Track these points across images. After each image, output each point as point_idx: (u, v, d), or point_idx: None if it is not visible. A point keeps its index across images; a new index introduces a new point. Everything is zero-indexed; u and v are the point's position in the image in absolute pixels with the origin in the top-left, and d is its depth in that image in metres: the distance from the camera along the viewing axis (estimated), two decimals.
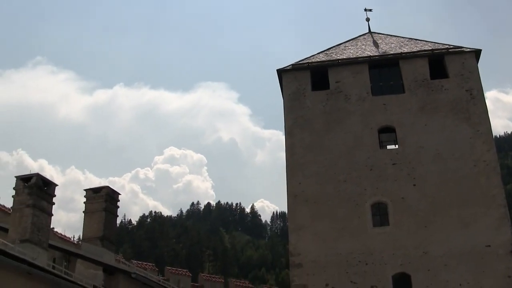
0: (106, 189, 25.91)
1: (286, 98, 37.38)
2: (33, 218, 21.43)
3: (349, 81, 36.65)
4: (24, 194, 22.05)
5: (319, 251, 32.52)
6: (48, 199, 22.47)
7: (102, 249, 24.58)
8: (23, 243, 20.43)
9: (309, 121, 36.06)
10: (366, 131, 34.95)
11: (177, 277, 35.70)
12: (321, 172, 34.38)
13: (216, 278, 41.66)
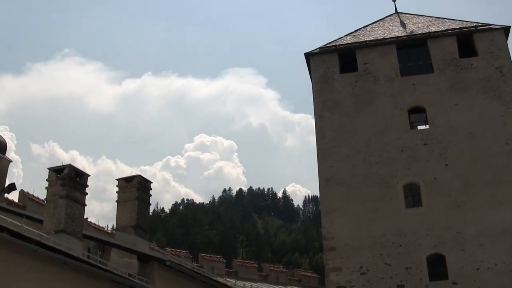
0: (138, 178, 26.03)
1: (315, 81, 37.27)
2: (67, 209, 21.62)
3: (377, 62, 36.44)
4: (57, 185, 22.23)
5: (353, 234, 32.46)
6: (81, 189, 22.64)
7: (136, 238, 24.73)
8: (58, 234, 20.62)
9: (338, 103, 35.94)
10: (396, 112, 34.75)
11: (211, 264, 35.85)
12: (352, 155, 34.27)
13: (250, 263, 41.74)
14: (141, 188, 25.85)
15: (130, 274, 21.07)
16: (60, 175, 22.30)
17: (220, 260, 38.38)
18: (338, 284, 31.92)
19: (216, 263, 36.96)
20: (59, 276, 17.49)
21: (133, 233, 24.91)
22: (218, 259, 38.61)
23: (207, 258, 37.93)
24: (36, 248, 15.85)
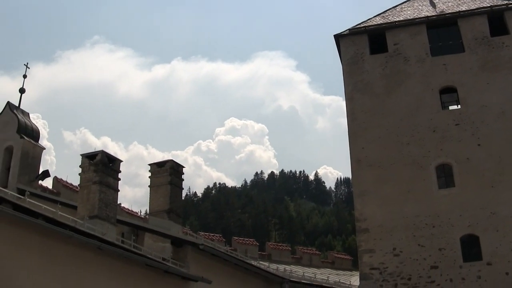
0: (170, 163, 26.11)
1: (345, 63, 37.10)
2: (100, 195, 21.79)
3: (408, 43, 36.15)
4: (90, 171, 22.41)
5: (385, 216, 32.37)
6: (113, 175, 22.80)
7: (169, 222, 24.85)
8: (92, 219, 20.80)
9: (369, 85, 35.77)
10: (427, 92, 34.49)
11: (245, 247, 35.97)
12: (383, 136, 34.11)
13: (283, 246, 41.77)
14: (173, 173, 25.94)
15: (164, 258, 21.21)
16: (93, 161, 22.47)
17: (253, 243, 38.47)
18: (371, 266, 31.88)
19: (249, 246, 37.06)
20: (93, 261, 17.65)
21: (166, 217, 25.03)
22: (251, 242, 38.70)
23: (240, 242, 38.05)
24: (71, 233, 16.01)
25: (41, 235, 15.63)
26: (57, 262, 16.28)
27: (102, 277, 17.99)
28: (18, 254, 15.06)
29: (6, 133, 30.18)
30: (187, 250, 22.62)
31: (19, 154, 29.46)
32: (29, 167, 29.66)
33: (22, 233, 15.13)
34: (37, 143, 30.44)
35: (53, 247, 16.13)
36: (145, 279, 19.79)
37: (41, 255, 15.76)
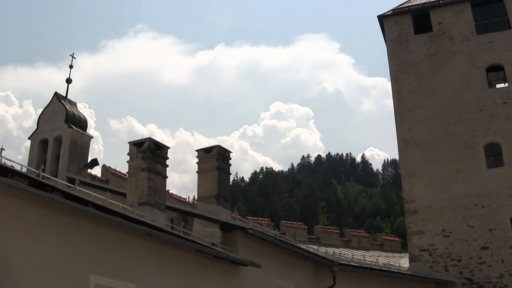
0: (217, 148, 26.19)
1: (389, 43, 36.88)
2: (149, 181, 21.96)
3: (452, 21, 35.77)
4: (138, 158, 22.59)
5: (434, 196, 32.19)
6: (161, 161, 22.95)
7: (218, 207, 24.96)
8: (141, 206, 20.98)
9: (414, 65, 35.52)
10: (473, 71, 34.14)
11: (293, 231, 36.03)
12: (430, 116, 33.88)
13: (332, 229, 41.72)
14: (220, 158, 26.02)
15: (213, 243, 21.35)
16: (140, 148, 22.64)
17: (301, 226, 38.51)
18: (420, 248, 31.78)
19: (298, 230, 37.10)
20: (143, 248, 17.84)
21: (215, 202, 25.14)
22: (299, 226, 38.74)
23: (288, 225, 38.12)
24: (120, 220, 16.18)
25: (91, 223, 15.84)
26: (107, 249, 16.49)
27: (152, 263, 18.18)
28: (70, 242, 15.29)
29: (54, 123, 30.54)
30: (236, 235, 22.73)
31: (67, 143, 29.80)
32: (78, 156, 30.01)
33: (73, 221, 15.35)
34: (85, 132, 30.77)
35: (103, 234, 16.34)
36: (194, 264, 19.96)
37: (92, 243, 15.98)
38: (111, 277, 16.45)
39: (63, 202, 14.56)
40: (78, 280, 15.32)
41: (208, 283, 20.56)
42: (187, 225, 23.55)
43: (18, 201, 13.76)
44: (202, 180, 25.97)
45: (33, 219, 14.25)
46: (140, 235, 17.46)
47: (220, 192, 25.37)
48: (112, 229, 16.47)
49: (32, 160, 30.04)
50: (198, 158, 26.49)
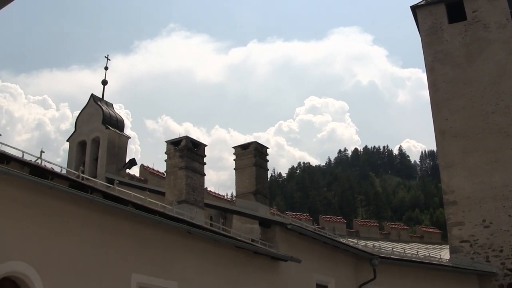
0: (254, 144, 26.22)
1: (423, 34, 36.58)
2: (187, 180, 22.07)
3: (487, 9, 35.36)
4: (175, 157, 22.71)
5: (473, 187, 31.91)
6: (199, 159, 23.04)
7: (256, 203, 25.00)
8: (180, 204, 21.11)
9: (449, 55, 35.19)
10: (510, 58, 33.72)
11: (332, 225, 35.94)
12: (467, 106, 33.56)
13: (371, 222, 41.60)
14: (257, 154, 26.05)
15: (252, 239, 21.39)
16: (177, 147, 22.76)
17: (340, 220, 38.45)
18: (461, 239, 31.53)
19: (337, 224, 37.04)
20: (183, 245, 17.94)
21: (253, 199, 25.19)
22: (338, 220, 38.69)
23: (327, 220, 38.08)
24: (160, 219, 16.28)
25: (131, 222, 15.97)
26: (148, 248, 16.61)
27: (192, 260, 18.28)
28: (111, 242, 15.44)
29: (92, 125, 30.83)
30: (275, 230, 22.76)
31: (105, 144, 30.06)
32: (116, 156, 30.25)
33: (113, 221, 15.49)
34: (122, 133, 31.00)
35: (144, 233, 16.47)
36: (234, 260, 20.03)
37: (133, 242, 16.11)
38: (153, 275, 16.59)
39: (103, 202, 14.70)
40: (120, 279, 15.47)
41: (248, 279, 20.62)
42: (226, 222, 23.63)
43: (59, 202, 13.92)
44: (240, 176, 26.03)
45: (74, 220, 14.40)
46: (180, 233, 17.56)
47: (258, 188, 25.41)
48: (152, 227, 16.59)
49: (71, 162, 30.37)
50: (235, 155, 26.56)
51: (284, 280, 22.44)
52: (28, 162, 13.97)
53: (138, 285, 15.97)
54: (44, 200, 13.57)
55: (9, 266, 12.62)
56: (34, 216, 13.36)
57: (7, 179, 12.55)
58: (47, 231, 13.62)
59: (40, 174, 13.69)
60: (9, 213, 12.78)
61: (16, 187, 12.89)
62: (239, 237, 20.09)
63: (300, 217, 33.41)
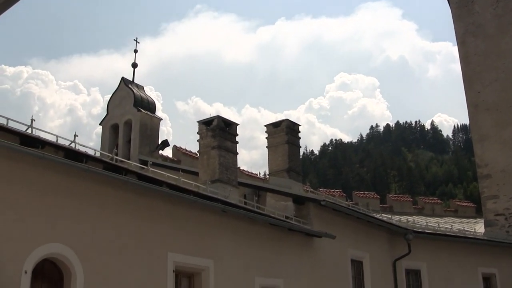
0: (286, 122, 26.20)
1: (453, 6, 36.21)
2: (220, 159, 22.18)
3: None
4: (208, 137, 22.83)
5: (507, 160, 31.67)
6: (231, 139, 23.14)
7: (290, 181, 25.05)
8: (214, 183, 21.25)
9: (480, 27, 34.80)
10: None
11: (366, 200, 35.91)
12: (500, 78, 33.22)
13: (404, 197, 41.46)
14: (289, 132, 26.04)
15: (287, 216, 21.48)
16: (209, 127, 22.87)
17: (374, 196, 38.36)
18: (496, 212, 31.39)
19: (370, 200, 36.99)
20: (218, 224, 18.08)
21: (286, 176, 25.23)
22: (372, 195, 38.59)
23: (361, 196, 38.02)
24: (195, 198, 16.42)
25: (166, 202, 16.13)
26: (183, 227, 16.78)
27: (228, 238, 18.42)
28: (147, 223, 15.62)
29: (123, 108, 31.05)
30: (309, 207, 22.80)
31: (137, 126, 30.26)
32: (148, 138, 30.45)
33: (148, 202, 15.66)
34: (154, 115, 31.17)
35: (179, 213, 16.63)
36: (269, 238, 20.15)
37: (168, 222, 16.27)
38: (189, 254, 16.77)
39: (137, 184, 14.88)
40: (156, 259, 15.67)
41: (283, 255, 20.74)
42: (260, 200, 23.73)
43: (94, 185, 14.12)
44: (272, 154, 26.08)
45: (110, 201, 14.60)
46: (214, 212, 17.70)
47: (291, 166, 25.45)
48: (186, 207, 16.74)
49: (104, 145, 30.65)
50: (267, 133, 26.59)
51: (319, 256, 22.54)
52: (62, 146, 14.16)
53: (174, 264, 16.17)
54: (79, 183, 13.76)
55: (48, 248, 12.86)
56: (71, 199, 13.56)
57: (43, 163, 12.75)
58: (83, 213, 13.82)
59: (75, 158, 13.88)
60: (46, 196, 12.99)
61: (51, 171, 13.09)
62: (273, 215, 20.18)
63: (334, 193, 33.40)
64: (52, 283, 13.23)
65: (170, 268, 16.01)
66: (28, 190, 12.67)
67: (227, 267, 18.13)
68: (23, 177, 12.61)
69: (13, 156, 12.30)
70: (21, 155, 12.36)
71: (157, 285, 15.56)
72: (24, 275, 12.17)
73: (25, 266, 12.25)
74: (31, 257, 12.41)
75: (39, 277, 12.85)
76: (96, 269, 13.79)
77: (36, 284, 12.71)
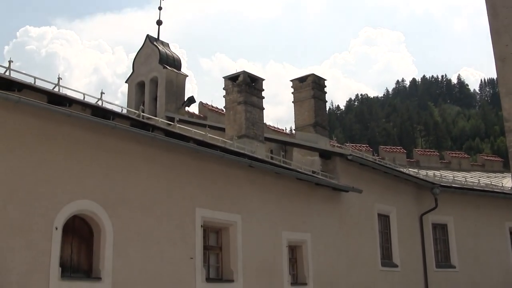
0: (312, 77, 26.07)
1: None
2: (246, 114, 22.19)
3: None
4: (234, 92, 22.83)
5: None
6: (257, 94, 23.11)
7: (316, 135, 25.03)
8: (241, 139, 21.30)
9: None
10: None
11: (392, 155, 35.80)
12: None
13: (431, 152, 41.22)
14: (315, 87, 25.94)
15: (313, 171, 21.50)
16: (235, 82, 22.86)
17: (400, 151, 38.18)
18: None
19: (397, 154, 36.85)
20: (245, 179, 18.13)
21: (313, 131, 25.22)
22: (398, 150, 38.40)
23: (387, 150, 37.86)
24: (221, 154, 16.46)
25: (193, 158, 16.19)
26: (211, 183, 16.85)
27: (255, 193, 18.49)
28: (175, 179, 15.71)
29: (149, 65, 31.09)
30: (335, 162, 22.79)
31: (163, 83, 30.31)
32: (174, 95, 30.50)
33: (175, 158, 15.74)
34: (179, 71, 31.18)
35: (206, 169, 16.69)
36: (296, 193, 20.20)
37: (196, 177, 16.35)
38: (216, 209, 16.89)
39: (165, 140, 14.93)
40: (185, 214, 15.80)
41: (311, 210, 20.82)
42: (287, 155, 23.73)
43: (121, 142, 14.21)
44: (298, 109, 26.04)
45: (138, 158, 14.69)
46: (241, 167, 17.75)
47: (317, 121, 25.42)
48: (214, 163, 16.80)
49: (131, 102, 30.77)
50: (293, 88, 26.52)
51: (346, 210, 22.61)
52: (89, 104, 14.22)
53: (202, 219, 16.29)
54: (107, 140, 13.86)
55: (77, 205, 13.04)
56: (99, 156, 13.68)
57: (71, 121, 12.85)
58: (112, 170, 13.94)
59: (102, 115, 13.95)
60: (74, 154, 13.11)
61: (79, 129, 13.18)
62: (300, 169, 20.20)
63: (360, 148, 33.34)
64: (82, 239, 13.42)
65: (198, 223, 16.14)
66: (57, 148, 12.79)
67: (255, 222, 18.24)
68: (51, 135, 12.72)
69: (41, 115, 12.40)
70: (49, 114, 12.45)
71: (186, 240, 15.71)
72: (55, 231, 12.37)
73: (56, 223, 12.44)
74: (61, 214, 12.60)
75: (70, 233, 13.05)
76: (125, 225, 13.95)
77: (67, 239, 12.92)
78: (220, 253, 17.47)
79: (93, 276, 13.30)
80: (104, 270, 13.29)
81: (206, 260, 16.83)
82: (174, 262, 15.23)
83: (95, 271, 13.33)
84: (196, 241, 15.98)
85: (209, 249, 17.05)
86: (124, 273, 13.74)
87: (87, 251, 13.44)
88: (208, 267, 16.85)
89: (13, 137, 11.98)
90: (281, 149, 24.65)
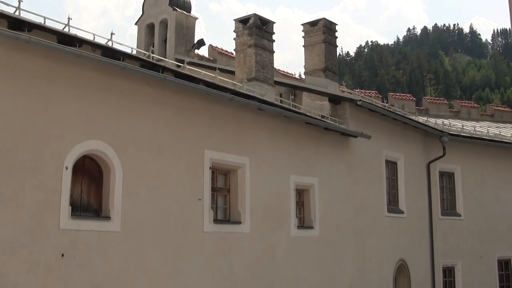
0: (323, 21, 25.90)
1: None
2: (256, 57, 22.09)
3: None
4: (244, 35, 22.70)
5: None
6: (268, 37, 22.97)
7: (326, 80, 24.97)
8: (250, 82, 21.21)
9: None
10: None
11: (401, 102, 35.64)
12: None
13: (440, 100, 41.03)
14: (326, 31, 25.79)
15: (323, 116, 21.48)
16: (246, 25, 22.72)
17: (410, 98, 38.00)
18: None
19: (406, 102, 36.68)
20: (254, 122, 18.13)
21: (323, 76, 25.15)
22: (408, 97, 38.21)
23: (396, 97, 37.69)
24: (231, 96, 16.43)
25: (203, 100, 16.18)
26: (220, 125, 16.84)
27: (264, 136, 18.50)
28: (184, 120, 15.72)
29: (159, 7, 30.86)
30: (345, 107, 22.75)
31: (173, 25, 30.12)
32: (184, 37, 30.34)
33: (185, 100, 15.71)
34: (189, 14, 30.97)
35: (215, 111, 16.68)
36: (305, 137, 20.21)
37: (205, 119, 16.35)
38: (225, 151, 16.93)
39: (174, 81, 14.89)
40: (193, 156, 15.85)
41: (319, 154, 20.86)
42: (296, 99, 23.74)
43: (131, 83, 14.18)
44: (309, 54, 25.95)
45: (147, 99, 14.66)
46: (251, 110, 17.75)
47: (327, 65, 25.34)
48: (223, 105, 16.80)
49: (140, 44, 30.62)
50: (303, 32, 26.39)
51: (354, 156, 22.65)
52: (99, 44, 14.16)
53: (211, 161, 16.35)
54: (117, 81, 13.84)
55: (87, 145, 13.10)
56: (109, 97, 13.68)
57: (80, 62, 12.83)
58: (121, 111, 13.94)
59: (112, 56, 13.92)
60: (84, 94, 13.10)
61: (89, 69, 13.16)
62: (309, 113, 20.20)
63: (370, 94, 33.25)
64: (92, 179, 13.53)
65: (207, 165, 16.20)
66: (67, 88, 12.78)
67: (263, 165, 18.31)
68: (61, 75, 12.69)
69: (51, 55, 12.38)
70: (59, 54, 12.43)
71: (194, 181, 15.80)
72: (65, 170, 12.48)
73: (66, 162, 12.53)
74: (71, 153, 12.68)
75: (80, 173, 13.15)
76: (134, 166, 14.03)
77: (77, 179, 13.04)
78: (228, 195, 17.59)
79: (102, 215, 13.43)
80: (113, 209, 13.43)
81: (214, 201, 16.95)
82: (182, 203, 15.33)
83: (105, 211, 13.47)
84: (205, 183, 16.06)
85: (217, 191, 17.15)
86: (133, 213, 13.86)
87: (96, 191, 13.56)
88: (216, 208, 16.97)
89: (23, 78, 11.97)
90: (290, 93, 24.63)
